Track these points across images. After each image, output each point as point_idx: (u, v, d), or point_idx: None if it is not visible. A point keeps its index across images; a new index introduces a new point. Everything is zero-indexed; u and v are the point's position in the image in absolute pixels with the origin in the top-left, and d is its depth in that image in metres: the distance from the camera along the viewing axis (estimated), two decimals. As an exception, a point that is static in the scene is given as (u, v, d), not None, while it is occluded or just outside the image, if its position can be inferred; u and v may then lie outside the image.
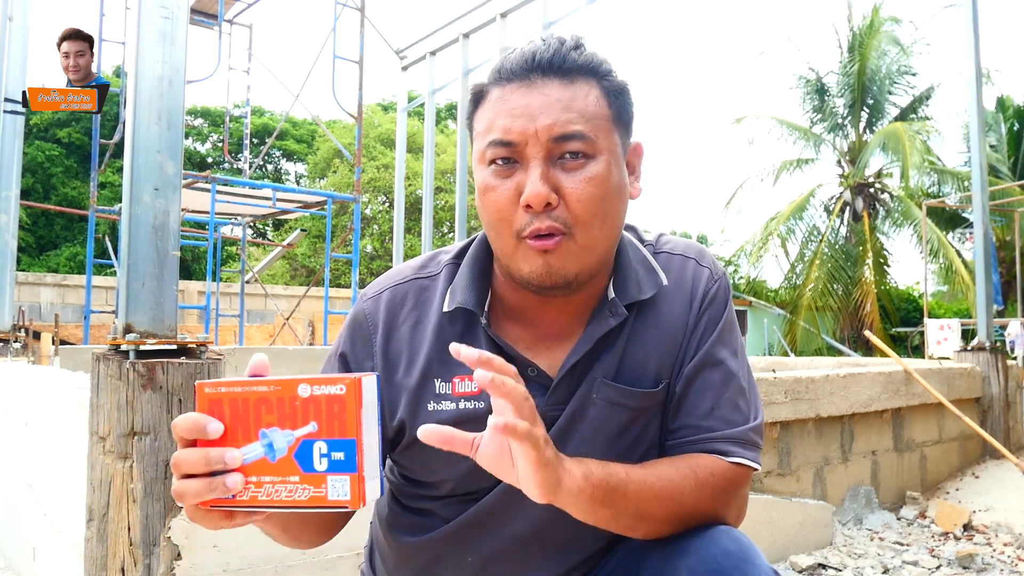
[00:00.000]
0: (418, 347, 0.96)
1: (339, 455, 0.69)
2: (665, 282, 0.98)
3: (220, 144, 21.94)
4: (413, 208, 18.05)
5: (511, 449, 0.74)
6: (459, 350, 0.72)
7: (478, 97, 0.93)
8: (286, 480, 0.70)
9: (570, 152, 0.87)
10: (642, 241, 1.03)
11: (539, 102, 0.87)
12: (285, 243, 13.65)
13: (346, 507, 0.70)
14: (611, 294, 0.95)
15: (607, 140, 0.89)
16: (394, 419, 0.95)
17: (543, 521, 0.93)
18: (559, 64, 0.88)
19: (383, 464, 0.74)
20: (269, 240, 20.22)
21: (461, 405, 0.93)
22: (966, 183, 13.76)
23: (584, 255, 0.88)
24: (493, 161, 0.88)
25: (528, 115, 0.86)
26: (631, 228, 1.04)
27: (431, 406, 0.93)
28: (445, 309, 0.96)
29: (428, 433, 0.73)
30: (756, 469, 0.94)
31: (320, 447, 0.70)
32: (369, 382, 0.72)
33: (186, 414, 0.72)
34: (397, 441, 0.96)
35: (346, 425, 0.69)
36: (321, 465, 0.70)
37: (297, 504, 0.70)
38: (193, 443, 0.72)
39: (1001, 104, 16.30)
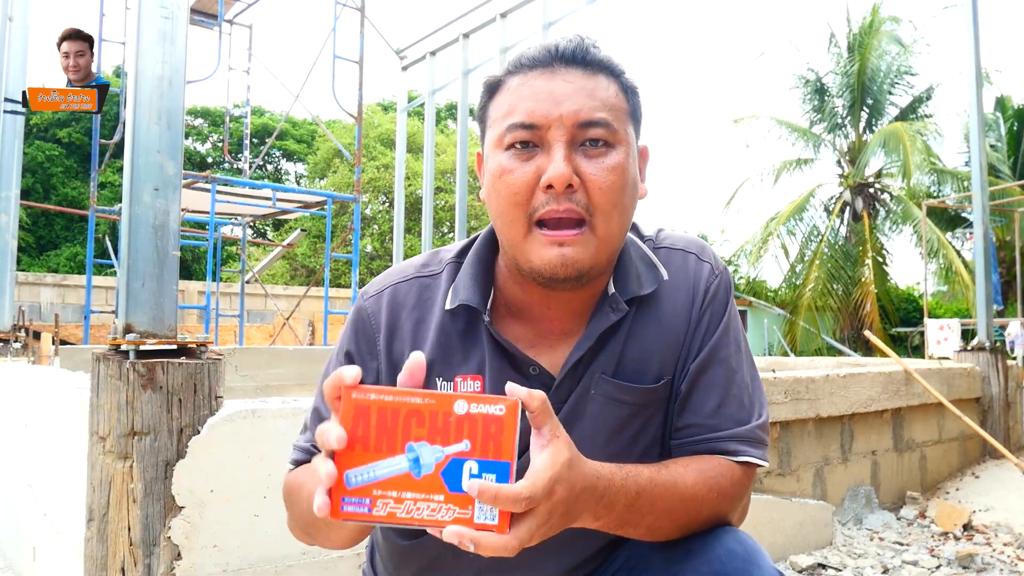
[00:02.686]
0: (420, 346, 0.95)
1: (490, 477, 0.67)
2: (666, 277, 0.97)
3: (220, 144, 21.93)
4: (413, 208, 18.04)
5: None
6: None
7: (494, 87, 0.93)
8: (430, 498, 0.67)
9: (592, 139, 0.87)
10: (642, 237, 1.02)
11: (563, 88, 0.87)
12: (285, 243, 13.64)
13: (492, 531, 0.67)
14: (611, 289, 0.94)
15: (626, 132, 0.90)
16: None
17: None
18: (582, 56, 0.89)
19: None
20: (269, 240, 20.21)
21: None
22: (966, 183, 13.75)
23: (601, 247, 0.88)
24: (512, 145, 0.88)
25: (552, 99, 0.86)
26: (632, 225, 1.03)
27: None
28: (447, 307, 0.95)
29: None
30: (764, 466, 0.93)
31: (471, 467, 0.67)
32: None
33: (328, 422, 0.70)
34: None
35: (502, 447, 0.67)
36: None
37: (439, 524, 0.67)
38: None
39: (1001, 104, 16.28)
